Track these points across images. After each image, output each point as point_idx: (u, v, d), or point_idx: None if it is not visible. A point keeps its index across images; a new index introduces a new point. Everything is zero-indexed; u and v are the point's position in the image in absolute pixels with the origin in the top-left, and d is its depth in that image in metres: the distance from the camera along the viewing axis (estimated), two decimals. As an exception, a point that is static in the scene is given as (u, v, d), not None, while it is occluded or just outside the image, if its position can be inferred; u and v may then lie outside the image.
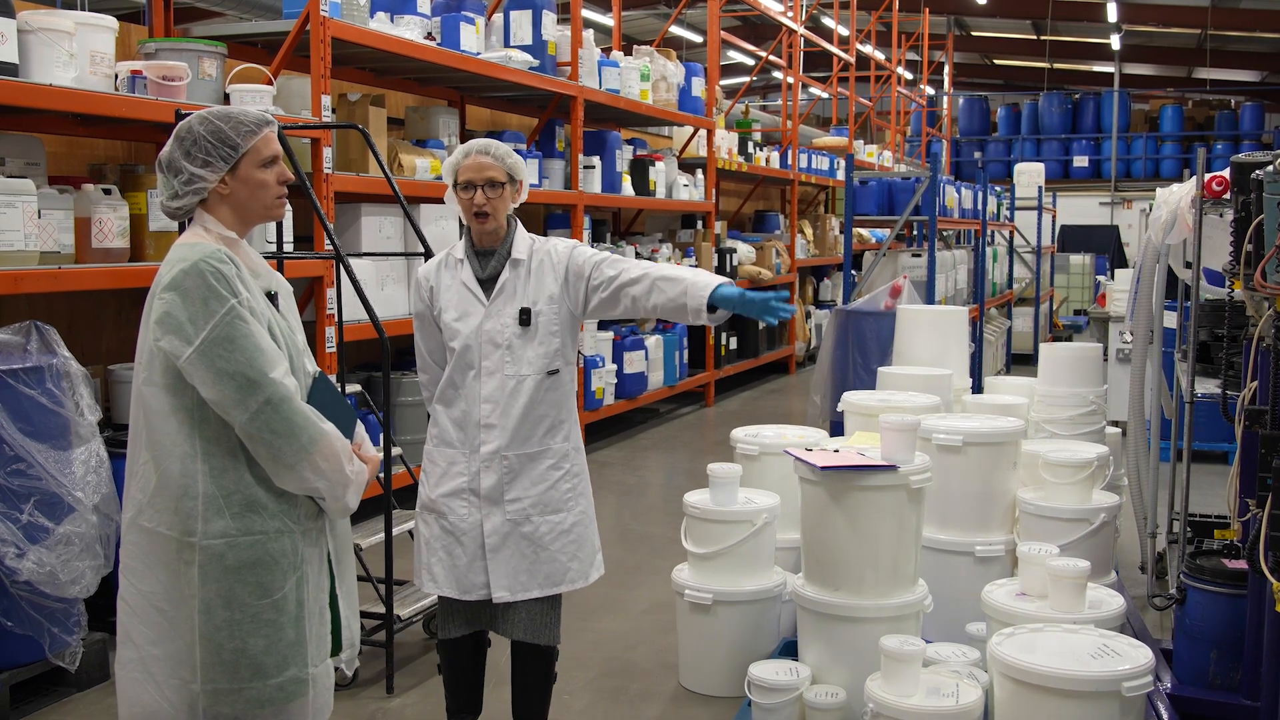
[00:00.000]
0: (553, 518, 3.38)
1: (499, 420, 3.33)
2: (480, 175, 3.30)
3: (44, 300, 5.17)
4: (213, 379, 2.52)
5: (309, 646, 2.68)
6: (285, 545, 2.64)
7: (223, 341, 2.52)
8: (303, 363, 2.73)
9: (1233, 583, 3.85)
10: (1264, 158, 3.37)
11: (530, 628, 3.40)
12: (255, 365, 2.53)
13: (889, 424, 3.71)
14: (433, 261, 3.49)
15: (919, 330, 6.03)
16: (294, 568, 2.65)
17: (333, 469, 2.62)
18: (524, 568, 3.35)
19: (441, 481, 3.40)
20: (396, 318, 6.42)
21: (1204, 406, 5.88)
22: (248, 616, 2.60)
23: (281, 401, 2.54)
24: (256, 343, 2.54)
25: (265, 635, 2.61)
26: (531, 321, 3.35)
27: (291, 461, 2.57)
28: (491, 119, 9.21)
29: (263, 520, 2.61)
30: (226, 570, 2.58)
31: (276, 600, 2.62)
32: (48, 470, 3.97)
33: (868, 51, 18.05)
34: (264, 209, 2.72)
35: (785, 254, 12.88)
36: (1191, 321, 4.91)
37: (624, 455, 8.73)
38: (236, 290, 2.56)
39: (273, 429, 2.54)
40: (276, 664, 2.62)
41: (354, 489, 2.70)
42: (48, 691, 4.18)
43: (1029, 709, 3.07)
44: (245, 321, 2.54)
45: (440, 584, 3.39)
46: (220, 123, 2.65)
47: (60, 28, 4.54)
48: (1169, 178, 21.72)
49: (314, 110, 5.69)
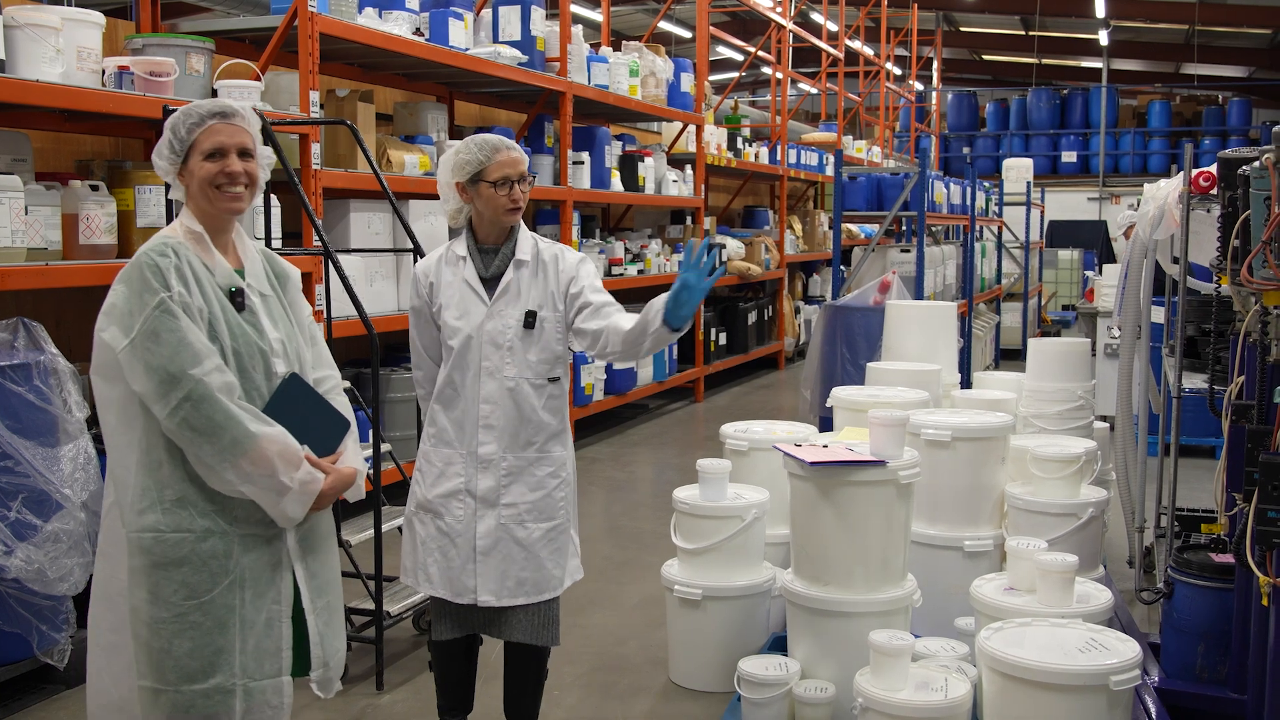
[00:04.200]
0: (545, 524, 3.36)
1: (498, 422, 3.31)
2: (516, 170, 3.29)
3: (31, 297, 5.15)
4: (141, 372, 2.51)
5: (240, 656, 2.59)
6: (216, 547, 2.57)
7: (150, 335, 2.50)
8: (269, 364, 2.66)
9: (1220, 577, 3.87)
10: (1251, 153, 3.37)
11: (531, 630, 3.38)
12: (176, 360, 2.48)
13: (878, 419, 3.71)
14: (432, 256, 3.45)
15: (908, 325, 6.04)
16: (226, 572, 2.57)
17: (261, 474, 2.53)
18: (512, 573, 3.32)
19: (438, 482, 3.37)
20: (385, 314, 6.41)
21: (1191, 401, 5.89)
22: (173, 616, 2.54)
23: (201, 400, 2.48)
24: (182, 337, 2.50)
25: (191, 638, 2.55)
26: (536, 325, 3.32)
27: (211, 462, 2.52)
28: (480, 115, 9.19)
29: (192, 519, 2.56)
30: (154, 566, 2.55)
31: (204, 603, 2.55)
32: (35, 467, 3.96)
33: (856, 47, 18.07)
34: (209, 202, 2.66)
35: (774, 249, 12.89)
36: (1179, 317, 4.92)
37: (613, 451, 8.74)
38: (169, 284, 2.52)
39: (193, 427, 2.49)
40: (202, 669, 2.55)
41: (293, 498, 2.59)
42: (36, 689, 4.16)
43: (1017, 703, 3.08)
44: (173, 316, 2.50)
45: (435, 585, 3.37)
46: (177, 117, 2.66)
47: (47, 23, 4.51)
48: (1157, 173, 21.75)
49: (302, 106, 5.68)
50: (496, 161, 3.28)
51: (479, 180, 3.29)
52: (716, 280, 3.16)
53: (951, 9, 22.49)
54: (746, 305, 12.32)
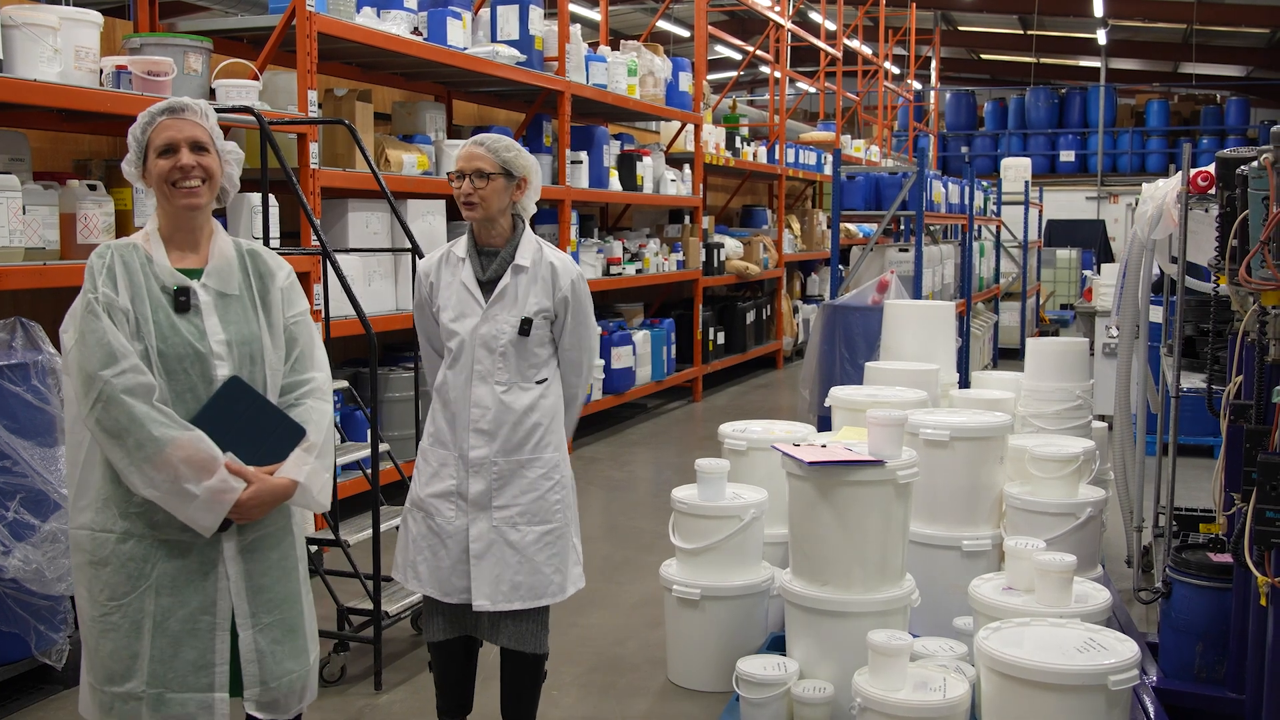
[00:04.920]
0: (539, 527, 3.35)
1: (489, 426, 3.31)
2: (469, 165, 3.28)
3: (29, 296, 5.14)
4: (73, 372, 2.53)
5: (151, 664, 2.54)
6: (135, 550, 2.55)
7: (79, 335, 2.52)
8: (207, 367, 2.59)
9: (1218, 576, 3.87)
10: (1249, 153, 3.37)
11: (517, 636, 3.37)
12: (92, 361, 2.48)
13: (876, 419, 3.71)
14: (434, 256, 3.46)
15: (906, 325, 6.04)
16: (143, 576, 2.54)
17: (164, 479, 2.47)
18: (506, 577, 3.31)
19: (432, 481, 3.38)
20: (383, 313, 6.41)
21: (1189, 401, 5.90)
22: (100, 615, 2.56)
23: (111, 400, 2.46)
24: (101, 338, 2.49)
25: (112, 640, 2.55)
26: (531, 332, 3.33)
27: (120, 465, 2.50)
28: (479, 114, 9.19)
29: (114, 519, 2.56)
30: (87, 563, 2.57)
31: (122, 605, 2.54)
32: (33, 467, 3.96)
33: (855, 46, 18.07)
34: (167, 200, 2.65)
35: (772, 249, 12.89)
36: (1177, 316, 4.92)
37: (612, 451, 8.73)
38: (96, 285, 2.54)
39: (104, 428, 2.48)
40: (121, 672, 2.54)
41: (200, 506, 2.50)
42: (33, 689, 4.16)
43: (1016, 703, 3.08)
44: (96, 317, 2.50)
45: (424, 583, 3.38)
46: (138, 119, 2.66)
47: (44, 22, 4.51)
48: (1155, 172, 21.77)
49: (300, 106, 5.67)
50: (458, 155, 3.33)
51: (451, 173, 3.35)
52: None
53: (950, 8, 22.48)
54: (745, 305, 12.32)
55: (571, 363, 3.47)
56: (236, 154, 2.75)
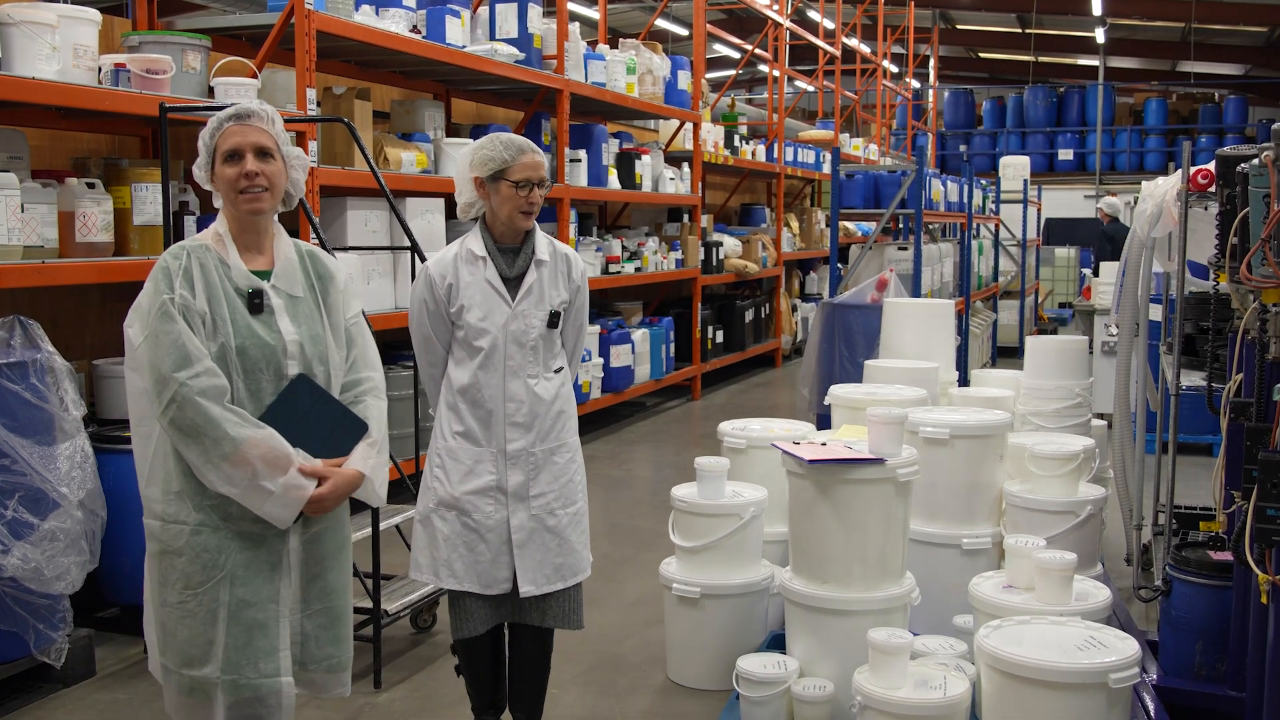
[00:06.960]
0: (570, 509, 3.47)
1: (525, 419, 3.38)
2: (536, 174, 3.34)
3: (27, 295, 5.14)
4: (146, 370, 2.59)
5: (228, 652, 2.65)
6: (208, 542, 2.64)
7: (152, 336, 2.57)
8: (280, 365, 2.69)
9: (1218, 574, 3.87)
10: (1248, 151, 3.37)
11: (560, 615, 3.48)
12: (167, 362, 2.55)
13: (876, 417, 3.71)
14: (447, 255, 3.44)
15: (905, 323, 6.04)
16: (217, 567, 2.64)
17: (242, 477, 2.58)
18: (549, 560, 3.41)
19: (467, 479, 3.39)
20: (383, 312, 6.40)
21: (1189, 399, 5.90)
22: (176, 602, 2.64)
23: (185, 402, 2.54)
24: (175, 340, 2.56)
25: (189, 626, 2.64)
26: (558, 324, 3.43)
27: (196, 463, 2.59)
28: (477, 112, 9.18)
29: (187, 512, 2.64)
30: (162, 553, 2.65)
31: (198, 594, 2.63)
32: (32, 466, 3.95)
33: (853, 45, 18.05)
34: (233, 206, 2.72)
35: (771, 247, 12.89)
36: (1177, 314, 4.92)
37: (611, 449, 8.73)
38: (172, 286, 2.60)
39: (179, 428, 2.56)
40: (198, 657, 2.64)
41: (277, 502, 2.62)
42: (33, 688, 4.15)
43: (1016, 701, 3.08)
44: (171, 319, 2.57)
45: (461, 580, 3.40)
46: (208, 125, 2.72)
47: (43, 20, 4.50)
48: (1153, 171, 21.77)
49: (299, 104, 5.67)
50: (520, 163, 3.32)
51: (500, 178, 3.32)
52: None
53: (948, 7, 22.48)
54: (744, 303, 12.31)
55: (572, 348, 3.59)
56: (301, 159, 2.82)
